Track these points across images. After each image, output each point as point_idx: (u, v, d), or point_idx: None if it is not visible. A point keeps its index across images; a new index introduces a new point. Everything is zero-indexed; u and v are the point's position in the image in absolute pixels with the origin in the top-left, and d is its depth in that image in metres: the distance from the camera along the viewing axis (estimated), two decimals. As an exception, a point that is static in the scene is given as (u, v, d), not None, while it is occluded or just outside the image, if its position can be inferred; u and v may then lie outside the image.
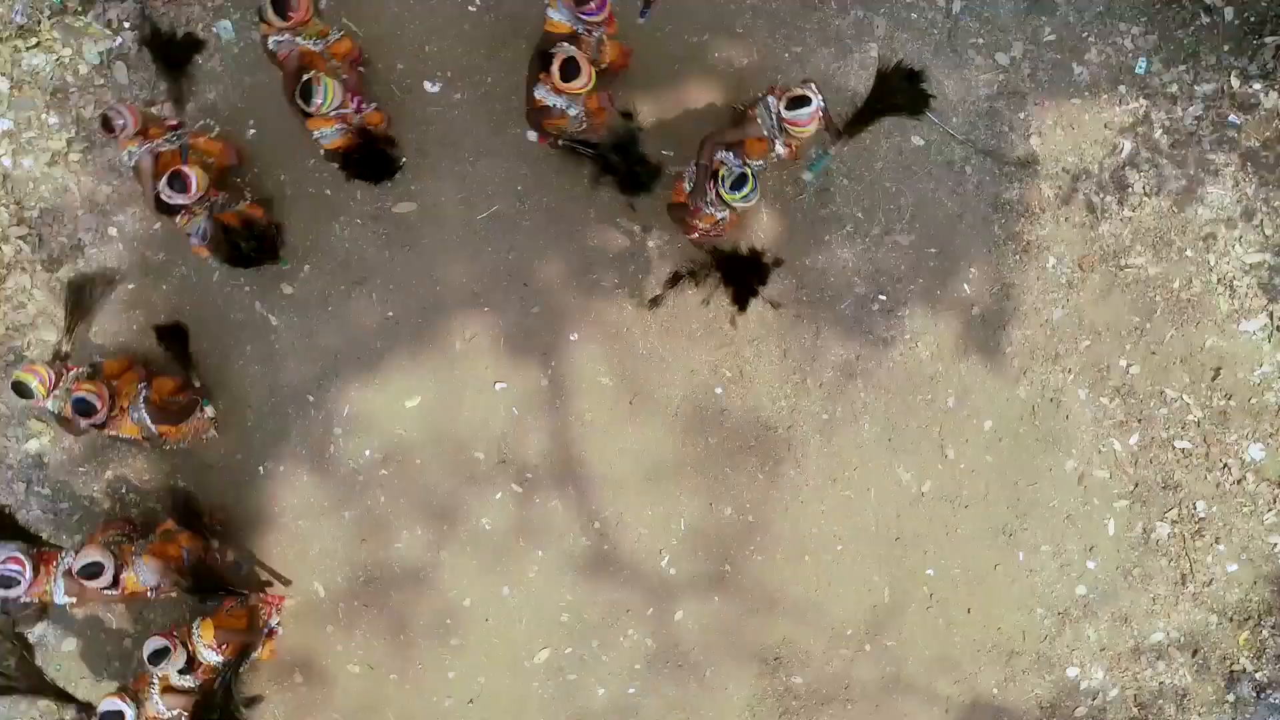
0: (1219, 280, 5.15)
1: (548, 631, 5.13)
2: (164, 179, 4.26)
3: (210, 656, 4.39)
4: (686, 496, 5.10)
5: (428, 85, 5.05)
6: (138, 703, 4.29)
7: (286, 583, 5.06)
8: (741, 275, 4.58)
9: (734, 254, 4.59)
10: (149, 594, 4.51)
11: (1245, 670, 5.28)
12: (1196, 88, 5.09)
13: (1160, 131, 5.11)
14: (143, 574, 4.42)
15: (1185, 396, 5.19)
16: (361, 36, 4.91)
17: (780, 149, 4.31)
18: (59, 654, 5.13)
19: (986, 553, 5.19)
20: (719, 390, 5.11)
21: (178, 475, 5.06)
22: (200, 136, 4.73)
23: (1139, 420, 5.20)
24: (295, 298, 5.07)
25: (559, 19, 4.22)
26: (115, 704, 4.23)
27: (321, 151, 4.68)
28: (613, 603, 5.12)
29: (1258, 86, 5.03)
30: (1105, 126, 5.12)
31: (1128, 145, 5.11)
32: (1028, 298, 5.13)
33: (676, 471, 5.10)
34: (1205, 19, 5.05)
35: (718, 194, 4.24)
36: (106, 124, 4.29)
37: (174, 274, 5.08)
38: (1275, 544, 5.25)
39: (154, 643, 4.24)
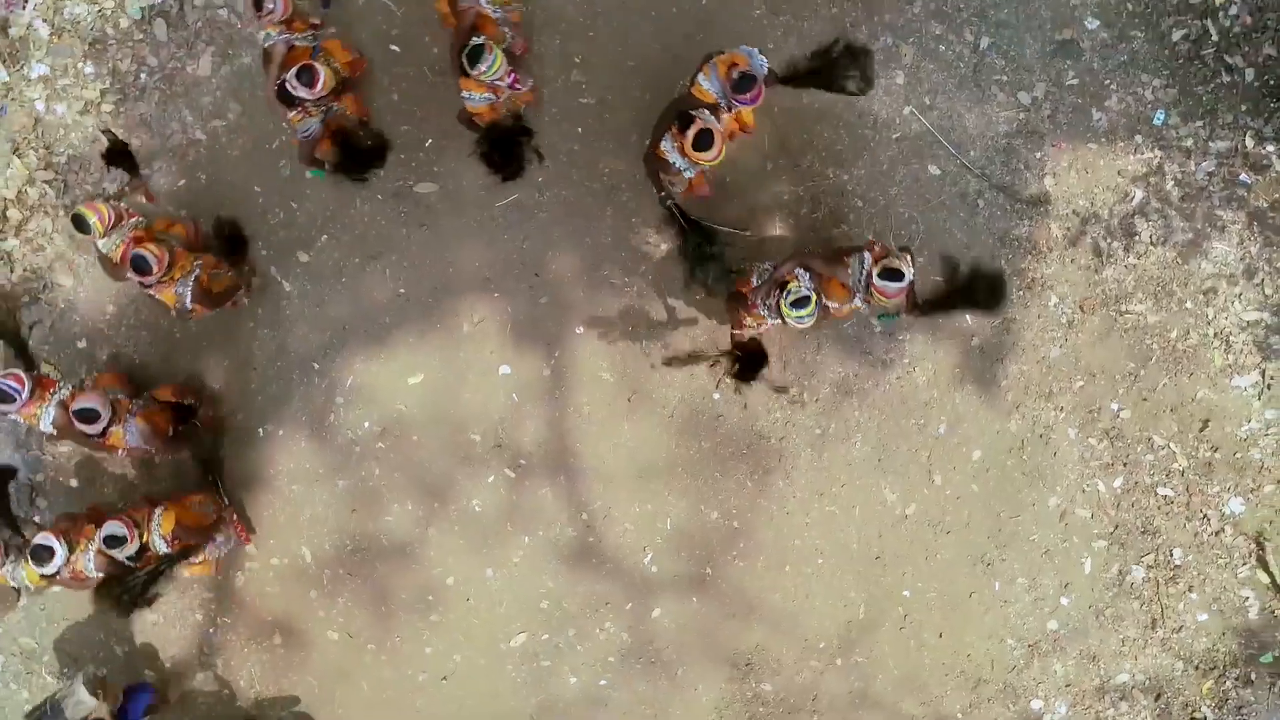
0: (1216, 334, 5.24)
1: (527, 617, 5.20)
2: (293, 71, 4.29)
3: (160, 546, 4.49)
4: (675, 497, 5.18)
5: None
6: (70, 549, 4.37)
7: (251, 531, 5.13)
8: (752, 365, 4.78)
9: (753, 348, 4.78)
10: (122, 453, 4.62)
11: (1206, 719, 5.37)
12: (1211, 144, 5.18)
13: (1172, 183, 5.20)
14: (130, 433, 4.50)
15: (1172, 445, 5.28)
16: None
17: (859, 303, 4.30)
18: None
19: (963, 579, 5.27)
20: (716, 396, 5.19)
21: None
22: (334, 42, 4.79)
23: (1125, 464, 5.29)
24: (310, 265, 5.15)
25: (708, 88, 4.25)
26: (49, 540, 4.31)
27: (458, 115, 4.66)
28: (593, 594, 5.20)
29: (1271, 149, 5.12)
30: (1119, 173, 5.21)
31: (1139, 194, 5.20)
32: (1027, 334, 5.22)
33: (667, 471, 5.18)
34: (1226, 78, 5.14)
35: (778, 303, 4.23)
36: (258, 3, 4.35)
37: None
38: (1247, 597, 5.33)
39: (113, 527, 4.30)
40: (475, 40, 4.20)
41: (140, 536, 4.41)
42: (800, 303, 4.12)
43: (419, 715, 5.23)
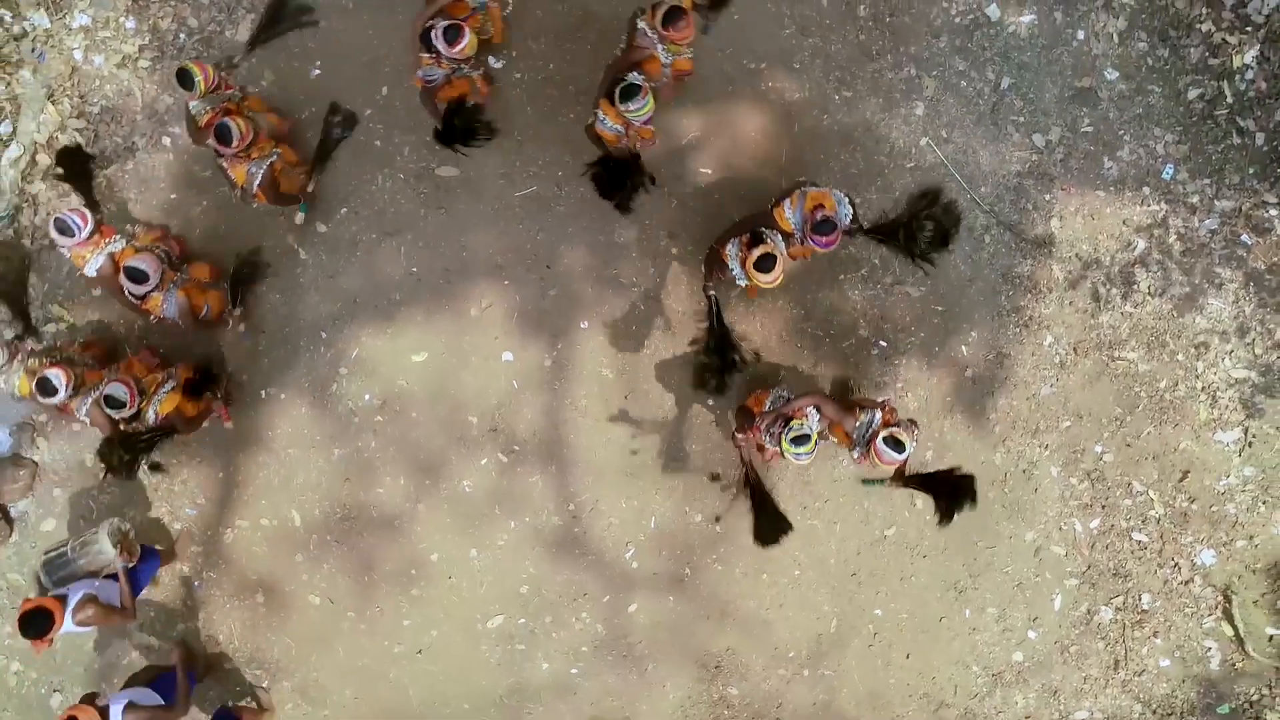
0: (1203, 388, 5.35)
1: (505, 600, 5.30)
2: (442, 26, 4.41)
3: (149, 418, 4.62)
4: (661, 496, 5.29)
5: (492, 60, 5.25)
6: (74, 391, 4.48)
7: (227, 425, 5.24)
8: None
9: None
10: (153, 319, 4.74)
11: (1159, 763, 5.49)
12: (1216, 202, 5.29)
13: (1174, 237, 5.31)
14: (169, 303, 4.65)
15: (1151, 492, 5.39)
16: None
17: (857, 455, 4.43)
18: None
19: (935, 604, 5.38)
20: (711, 402, 5.29)
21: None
22: (496, 10, 4.98)
23: (1103, 506, 5.40)
24: (327, 236, 5.26)
25: (789, 218, 4.34)
26: (57, 377, 4.40)
27: (587, 129, 4.74)
28: (572, 584, 5.30)
29: (1274, 212, 5.24)
30: (1124, 223, 5.33)
31: (1141, 244, 5.32)
32: (1020, 370, 5.33)
33: (656, 471, 5.28)
34: (1237, 140, 5.25)
35: (780, 435, 4.34)
36: None
37: (216, 191, 5.26)
38: (1210, 648, 5.44)
39: (117, 389, 4.41)
40: (635, 78, 4.29)
41: (139, 403, 4.51)
42: (800, 440, 4.21)
43: (391, 685, 5.32)
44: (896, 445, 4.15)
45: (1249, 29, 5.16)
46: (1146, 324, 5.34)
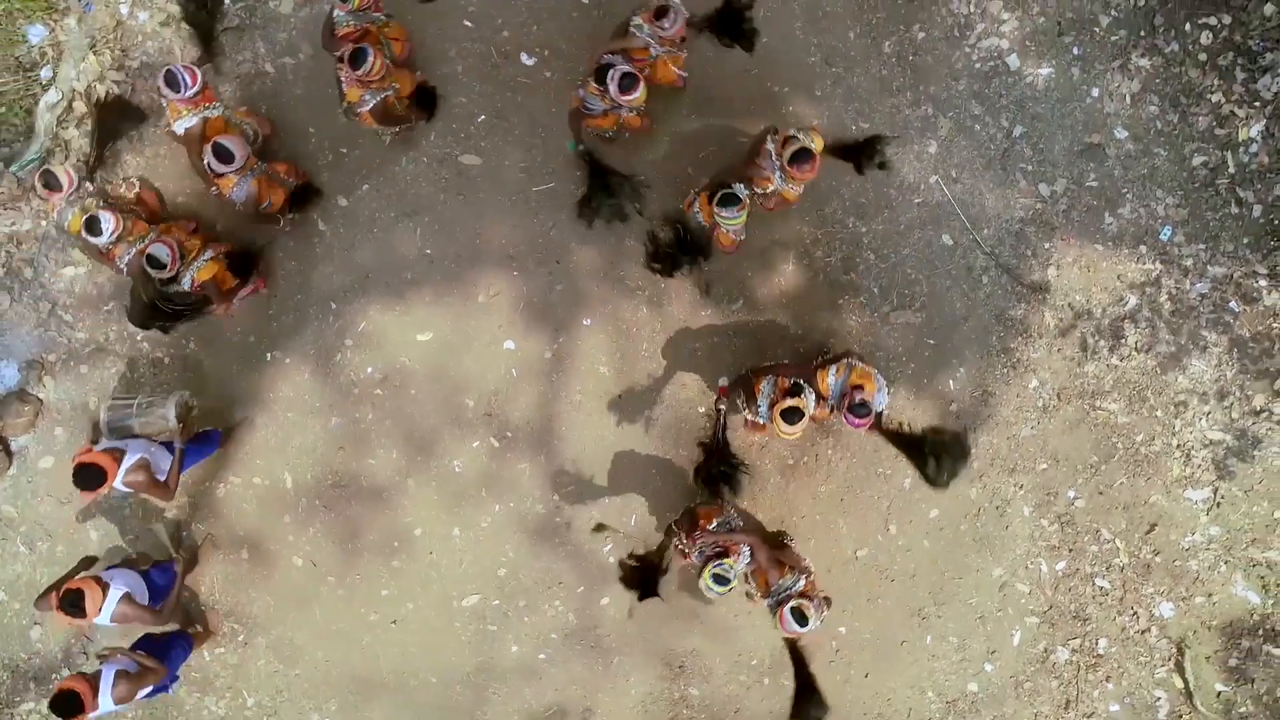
0: (1178, 446, 5.51)
1: (483, 580, 5.44)
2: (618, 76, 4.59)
3: (186, 285, 4.79)
4: (644, 494, 5.42)
5: (524, 57, 5.40)
6: (119, 238, 4.68)
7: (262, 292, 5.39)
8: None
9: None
10: (219, 194, 4.90)
11: (1099, 805, 5.64)
12: (1209, 268, 5.45)
13: (1166, 297, 5.47)
14: (240, 188, 4.83)
15: (1118, 541, 5.54)
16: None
17: (767, 605, 4.64)
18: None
19: (898, 628, 5.52)
20: (701, 409, 5.44)
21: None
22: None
23: (1070, 550, 5.56)
24: (347, 211, 5.40)
25: (831, 382, 4.54)
26: (107, 219, 4.58)
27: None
28: (549, 571, 5.44)
29: (1263, 284, 5.40)
30: (1118, 278, 5.48)
31: (1133, 300, 5.47)
32: (1003, 410, 5.48)
33: (641, 470, 5.42)
34: (1235, 209, 5.41)
35: (707, 561, 4.52)
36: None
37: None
38: (1159, 698, 5.59)
39: (160, 250, 4.59)
40: (739, 190, 4.47)
41: (179, 267, 4.68)
42: (720, 580, 4.41)
43: (363, 651, 5.46)
44: (800, 617, 4.36)
45: (1257, 104, 5.32)
46: (1130, 378, 5.49)
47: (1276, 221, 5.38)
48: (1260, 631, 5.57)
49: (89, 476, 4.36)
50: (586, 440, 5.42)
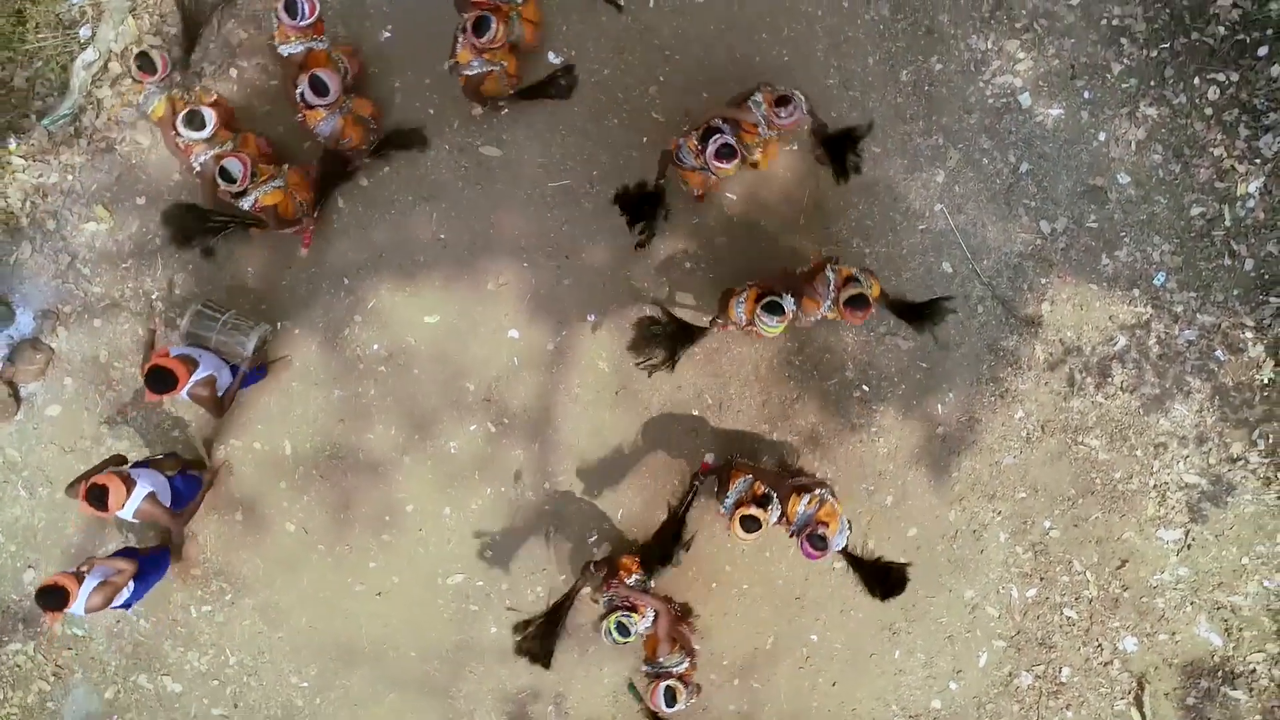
0: (1155, 486, 5.66)
1: (468, 561, 5.57)
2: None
3: (246, 205, 4.92)
4: (633, 491, 5.56)
5: (551, 55, 5.54)
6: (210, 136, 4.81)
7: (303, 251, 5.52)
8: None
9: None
10: (299, 116, 5.09)
11: (1050, 829, 5.78)
12: (1199, 316, 5.60)
13: (1154, 340, 5.62)
14: (327, 123, 5.05)
15: (1088, 574, 5.69)
16: None
17: (644, 670, 4.86)
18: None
19: (869, 640, 5.66)
20: (695, 412, 5.58)
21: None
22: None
23: (1042, 578, 5.70)
24: (367, 190, 5.53)
25: None
26: (208, 115, 4.72)
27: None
28: (534, 557, 5.57)
29: (1249, 336, 5.55)
30: (1110, 318, 5.63)
31: (1123, 341, 5.62)
32: (988, 437, 5.63)
33: (632, 467, 5.56)
34: (1228, 261, 5.56)
35: (613, 611, 4.69)
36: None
37: (271, 131, 5.51)
38: (1116, 730, 5.75)
39: (234, 164, 4.73)
40: (787, 302, 4.56)
41: (246, 184, 4.81)
42: (622, 630, 4.56)
43: (347, 621, 5.59)
44: (670, 698, 4.53)
45: (1258, 161, 5.48)
46: (1113, 416, 5.64)
47: (1267, 276, 5.53)
48: (1220, 673, 5.72)
49: (162, 380, 4.48)
50: (581, 433, 5.55)
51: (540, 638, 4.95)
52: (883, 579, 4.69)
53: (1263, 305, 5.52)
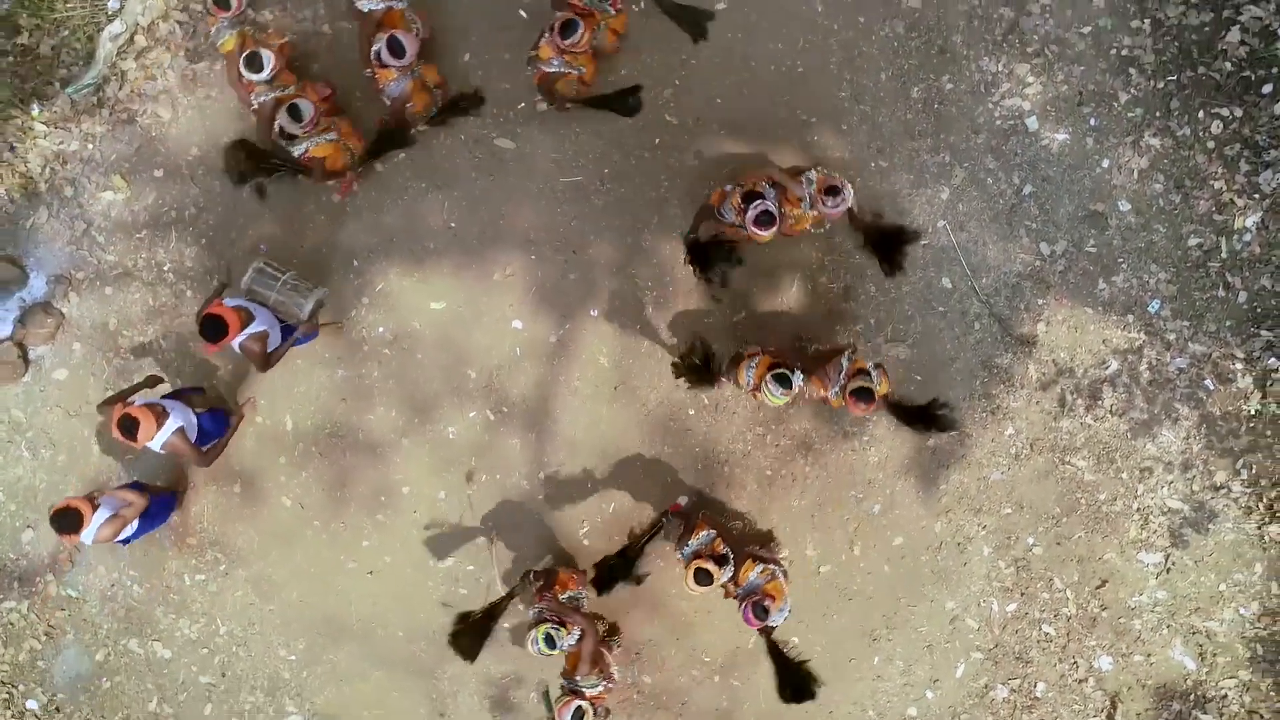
0: (1138, 509, 5.76)
1: (461, 545, 5.65)
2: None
3: (297, 152, 5.04)
4: (626, 486, 5.65)
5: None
6: (274, 76, 5.01)
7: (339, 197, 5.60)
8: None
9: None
10: (374, 81, 5.21)
11: (1018, 841, 5.88)
12: (1190, 344, 5.70)
13: (1145, 366, 5.72)
14: (398, 84, 5.13)
15: (1068, 592, 5.79)
16: None
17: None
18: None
19: (849, 645, 5.76)
20: (691, 412, 5.67)
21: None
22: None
23: (1022, 594, 5.80)
24: (381, 175, 5.62)
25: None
26: (267, 55, 4.83)
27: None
28: (524, 545, 5.65)
29: (1239, 367, 5.65)
30: (1103, 342, 5.73)
31: (1114, 365, 5.72)
32: (977, 452, 5.73)
33: (626, 462, 5.64)
34: (1222, 293, 5.67)
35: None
36: None
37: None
38: (1087, 746, 5.85)
39: (305, 106, 4.90)
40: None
41: (312, 128, 4.94)
42: (549, 641, 4.69)
43: (337, 597, 5.68)
44: (578, 717, 4.64)
45: (1257, 196, 5.58)
46: (1101, 438, 5.74)
47: (1260, 309, 5.63)
48: (1192, 697, 5.83)
49: (215, 328, 4.56)
50: (579, 426, 5.64)
51: (471, 634, 5.10)
52: (794, 681, 4.85)
53: (1254, 338, 5.62)
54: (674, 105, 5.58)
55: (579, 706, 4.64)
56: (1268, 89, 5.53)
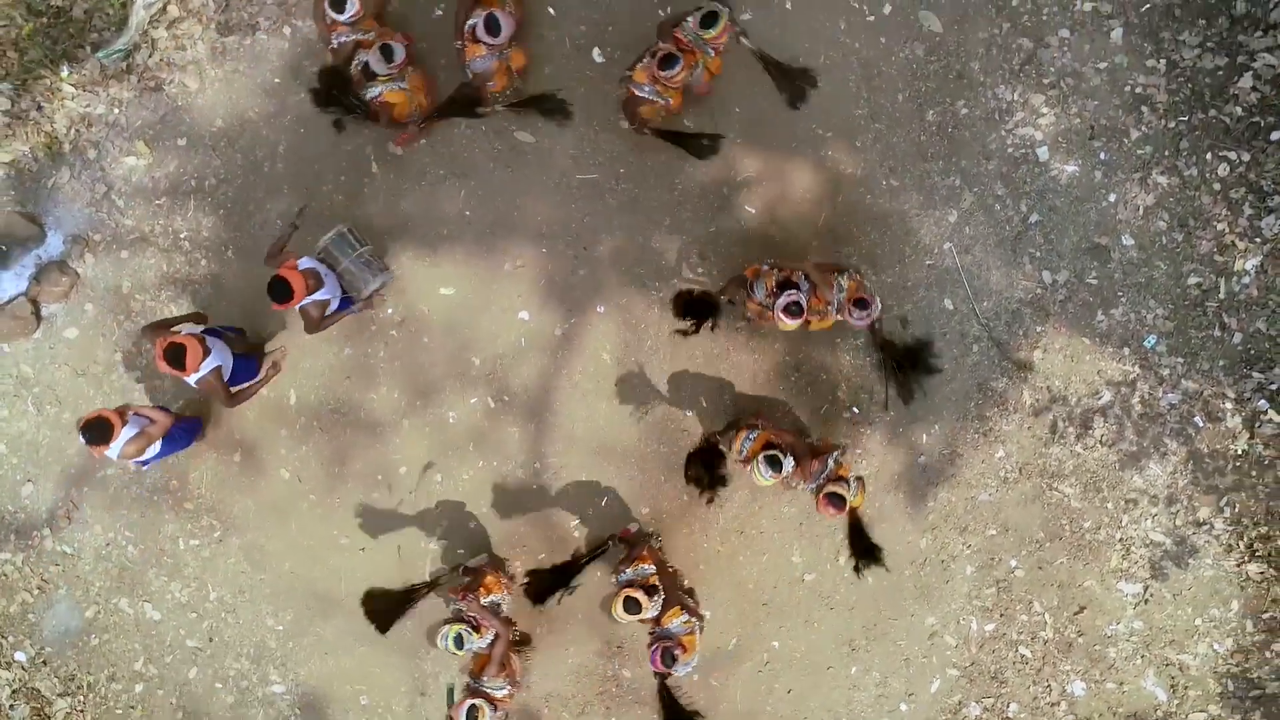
0: (1121, 540, 5.85)
1: (453, 528, 5.74)
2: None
3: (369, 95, 5.15)
4: (620, 482, 5.74)
5: (595, 53, 5.72)
6: (352, 21, 5.08)
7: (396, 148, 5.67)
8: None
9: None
10: (459, 44, 5.26)
11: None
12: (1183, 381, 5.79)
13: (1138, 400, 5.81)
14: (484, 60, 5.17)
15: (1047, 615, 5.88)
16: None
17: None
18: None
19: (828, 653, 5.85)
20: (689, 413, 5.76)
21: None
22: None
23: (1001, 615, 5.89)
24: (401, 160, 5.70)
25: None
26: (354, 1, 4.96)
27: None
28: (515, 534, 5.75)
29: (1229, 406, 5.75)
30: (1098, 373, 5.82)
31: (1107, 396, 5.81)
32: (967, 472, 5.82)
33: (622, 458, 5.74)
34: (1217, 332, 5.76)
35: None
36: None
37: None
38: (1055, 769, 5.94)
39: (398, 47, 4.97)
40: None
41: (404, 69, 5.11)
42: (459, 642, 4.76)
43: (328, 572, 5.76)
44: (471, 713, 4.70)
45: (1258, 240, 5.68)
46: (1090, 467, 5.83)
47: (1253, 351, 5.73)
48: (1161, 728, 5.92)
49: (283, 291, 4.68)
50: (577, 419, 5.73)
51: (387, 609, 5.28)
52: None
53: (1245, 379, 5.71)
54: (692, 110, 5.66)
55: (473, 705, 4.73)
56: (1276, 135, 5.62)
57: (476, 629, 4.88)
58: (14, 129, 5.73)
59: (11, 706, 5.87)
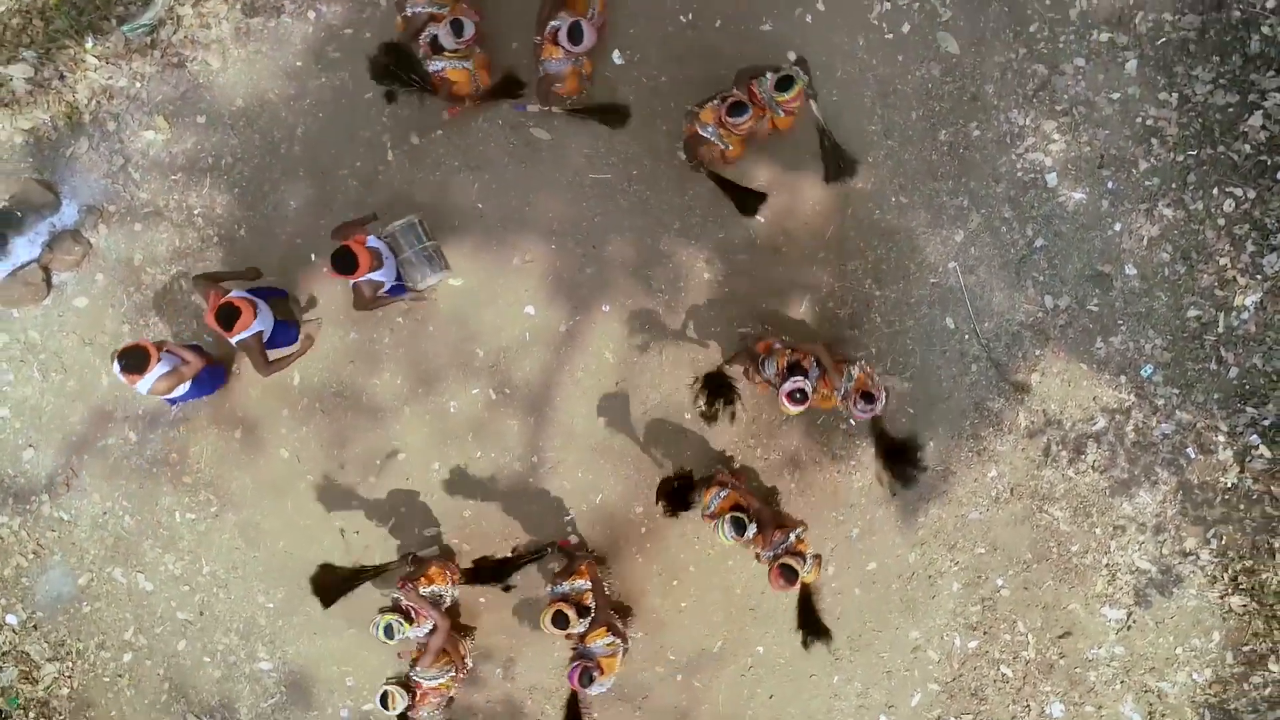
0: (1107, 565, 5.91)
1: (447, 517, 5.80)
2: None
3: (430, 69, 5.21)
4: (615, 480, 5.80)
5: (615, 55, 5.77)
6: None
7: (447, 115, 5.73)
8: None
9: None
10: (535, 51, 5.37)
11: None
12: (1178, 412, 5.85)
13: (1131, 428, 5.87)
14: (562, 64, 5.26)
15: (1030, 636, 5.94)
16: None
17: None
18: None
19: (812, 661, 5.89)
20: (687, 416, 5.82)
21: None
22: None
23: (985, 633, 5.95)
24: (417, 149, 5.76)
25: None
26: None
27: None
28: (509, 525, 5.80)
29: (1222, 439, 5.81)
30: (1094, 399, 5.88)
31: (1102, 422, 5.87)
32: (958, 490, 5.88)
33: (618, 456, 5.80)
34: (1214, 365, 5.82)
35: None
36: None
37: (336, 75, 5.75)
38: (1029, 789, 5.99)
39: (468, 23, 4.98)
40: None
41: (471, 45, 5.14)
42: (389, 631, 4.83)
43: (321, 552, 5.79)
44: (384, 699, 4.82)
45: (1259, 276, 5.74)
46: (1081, 492, 5.89)
47: (1248, 387, 5.79)
48: (1136, 754, 5.98)
49: (347, 261, 4.77)
50: (576, 416, 5.78)
51: (334, 586, 5.39)
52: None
53: (1239, 413, 5.78)
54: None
55: (385, 692, 4.81)
56: (1282, 175, 5.70)
57: (410, 619, 4.92)
58: (36, 97, 5.78)
59: (0, 669, 5.92)
